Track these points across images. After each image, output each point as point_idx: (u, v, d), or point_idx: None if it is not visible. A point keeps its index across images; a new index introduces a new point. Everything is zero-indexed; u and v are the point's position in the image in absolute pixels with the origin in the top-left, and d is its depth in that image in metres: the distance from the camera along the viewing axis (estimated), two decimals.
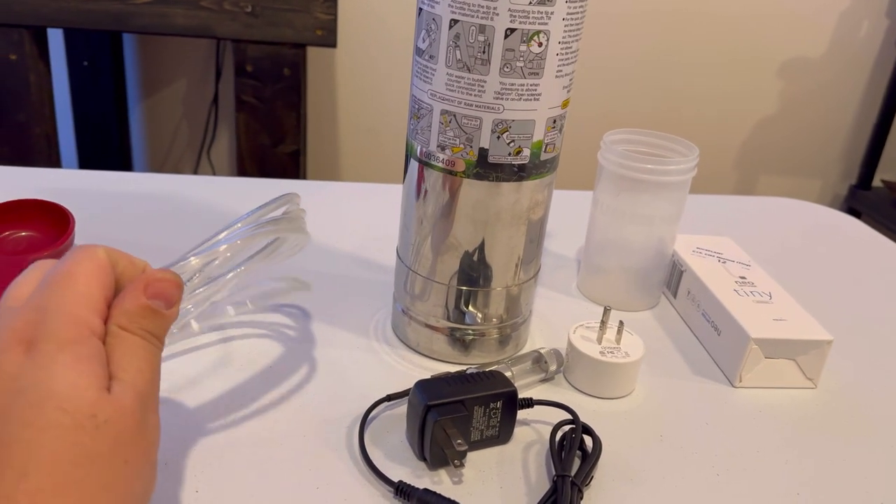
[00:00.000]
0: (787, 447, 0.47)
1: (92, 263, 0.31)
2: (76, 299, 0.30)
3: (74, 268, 0.31)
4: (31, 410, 0.27)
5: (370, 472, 0.41)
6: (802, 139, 2.01)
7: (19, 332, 0.29)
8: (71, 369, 0.28)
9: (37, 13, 1.25)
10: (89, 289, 0.31)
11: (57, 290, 0.30)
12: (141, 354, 0.31)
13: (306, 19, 1.29)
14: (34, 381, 0.27)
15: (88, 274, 0.31)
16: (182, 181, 0.76)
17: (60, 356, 0.28)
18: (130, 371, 0.30)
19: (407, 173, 0.49)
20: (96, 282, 0.31)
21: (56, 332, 0.29)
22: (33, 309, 0.30)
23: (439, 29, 0.43)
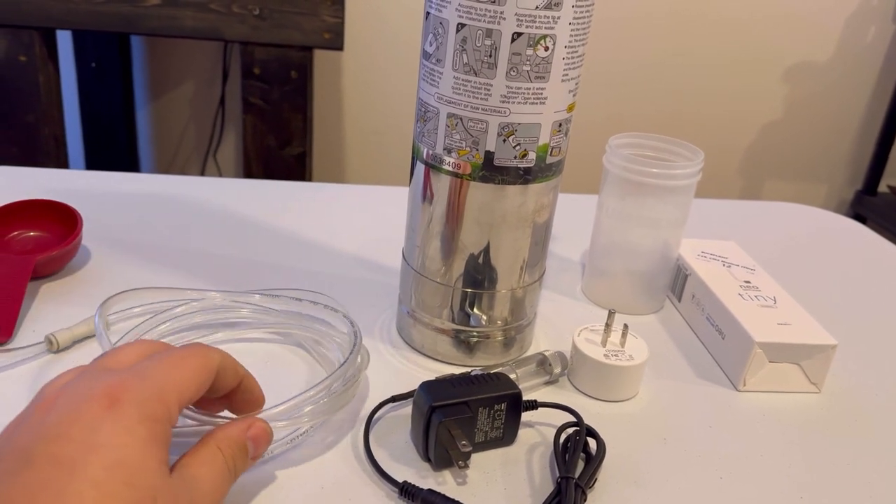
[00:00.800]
0: (791, 451, 0.47)
1: (202, 361, 0.34)
2: (173, 384, 0.32)
3: (187, 359, 0.33)
4: (101, 472, 0.27)
5: (375, 473, 0.41)
6: (808, 144, 2.00)
7: (108, 386, 0.30)
8: (145, 446, 0.29)
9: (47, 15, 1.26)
10: (189, 382, 0.33)
11: (162, 369, 0.32)
12: (218, 478, 0.33)
13: (314, 22, 1.29)
14: (111, 442, 0.28)
15: (195, 369, 0.33)
16: (189, 182, 0.77)
17: (139, 428, 0.29)
18: (202, 485, 0.32)
19: (413, 176, 0.49)
20: (198, 379, 0.33)
21: (143, 402, 0.30)
22: (134, 374, 0.31)
23: (446, 33, 0.43)
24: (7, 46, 1.28)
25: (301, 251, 0.65)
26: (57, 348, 0.48)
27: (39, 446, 0.28)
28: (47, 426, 0.28)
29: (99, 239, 0.63)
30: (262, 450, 0.36)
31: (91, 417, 0.28)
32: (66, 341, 0.48)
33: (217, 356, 0.35)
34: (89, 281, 0.57)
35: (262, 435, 0.36)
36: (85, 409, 0.29)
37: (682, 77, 1.87)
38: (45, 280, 0.57)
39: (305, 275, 0.61)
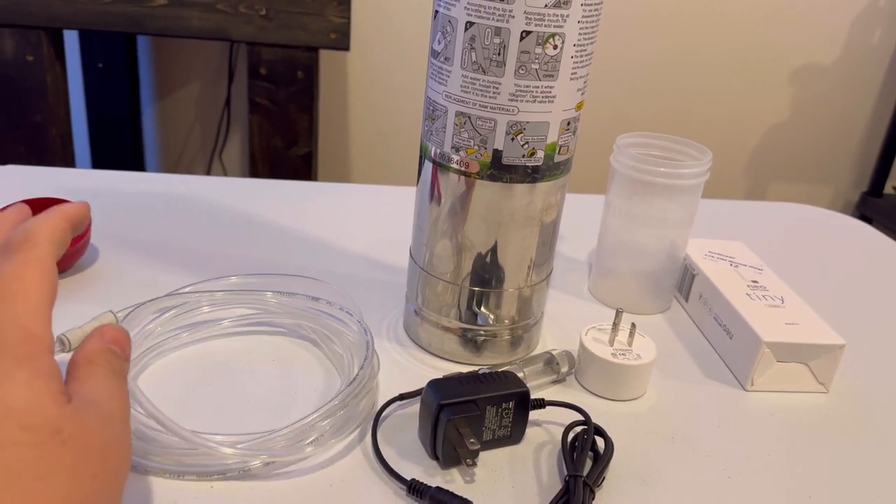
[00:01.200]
0: (799, 451, 0.47)
1: (40, 267, 0.31)
2: (28, 312, 0.30)
3: (23, 272, 0.31)
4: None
5: (383, 471, 0.41)
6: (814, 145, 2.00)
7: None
8: (30, 386, 0.28)
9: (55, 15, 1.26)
10: (41, 298, 0.30)
11: (9, 301, 0.30)
12: (111, 384, 0.31)
13: (320, 23, 1.29)
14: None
15: (39, 280, 0.31)
16: (196, 182, 0.77)
17: (18, 373, 0.28)
18: (99, 394, 0.30)
19: (421, 174, 0.49)
20: (47, 289, 0.31)
21: (11, 348, 0.28)
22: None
23: (455, 31, 0.43)
24: (15, 46, 1.28)
25: (308, 250, 0.66)
26: (69, 348, 0.48)
27: None
28: None
29: (107, 237, 0.63)
30: (128, 349, 0.35)
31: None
32: (77, 341, 0.48)
33: (46, 251, 0.32)
34: (98, 279, 0.57)
35: (119, 336, 0.34)
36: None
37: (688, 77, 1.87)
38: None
39: (313, 273, 0.61)
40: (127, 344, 0.35)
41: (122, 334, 0.34)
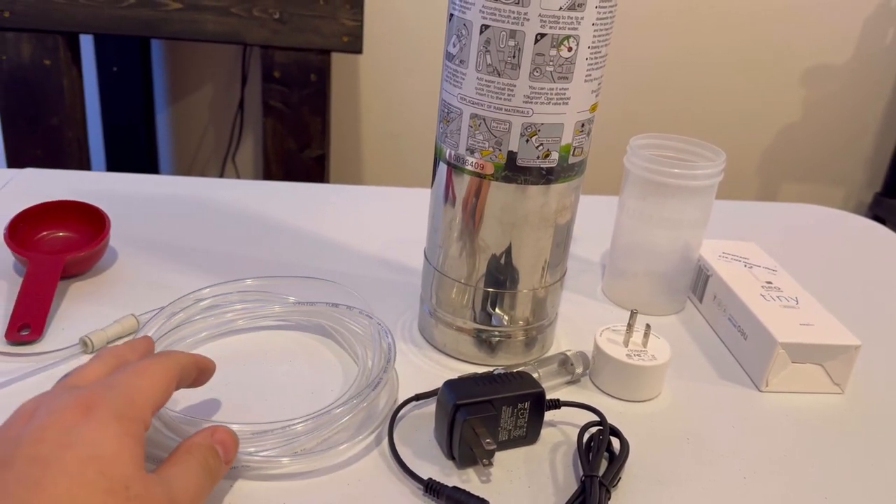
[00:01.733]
0: (814, 451, 0.47)
1: (165, 368, 0.36)
2: (142, 390, 0.34)
3: (150, 367, 0.35)
4: (75, 464, 0.29)
5: (400, 470, 0.41)
6: (826, 146, 1.99)
7: (82, 398, 0.32)
8: (119, 440, 0.30)
9: (73, 20, 1.27)
10: (155, 388, 0.35)
11: (129, 377, 0.34)
12: (192, 476, 0.34)
13: (333, 26, 1.30)
14: (84, 439, 0.30)
15: (159, 376, 0.35)
16: (212, 184, 0.78)
17: (113, 425, 0.31)
18: (177, 483, 0.33)
19: (435, 176, 0.50)
20: (163, 384, 0.35)
21: (115, 404, 0.32)
22: (103, 385, 0.33)
23: (470, 34, 0.43)
24: (32, 51, 1.30)
25: (323, 252, 0.66)
26: (92, 349, 0.48)
27: (17, 451, 0.29)
28: (25, 434, 0.30)
29: (124, 239, 0.64)
30: (232, 453, 0.38)
31: (66, 422, 0.30)
32: (100, 342, 0.49)
33: (174, 359, 0.37)
34: (117, 280, 0.58)
35: (227, 439, 0.38)
36: (59, 417, 0.31)
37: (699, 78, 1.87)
38: (74, 279, 0.58)
39: (328, 274, 0.61)
40: (233, 448, 0.38)
41: (230, 438, 0.38)
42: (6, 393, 0.45)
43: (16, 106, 1.34)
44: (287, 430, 0.41)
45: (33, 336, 0.49)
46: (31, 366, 0.47)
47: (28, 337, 0.49)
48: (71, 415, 0.31)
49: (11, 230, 0.57)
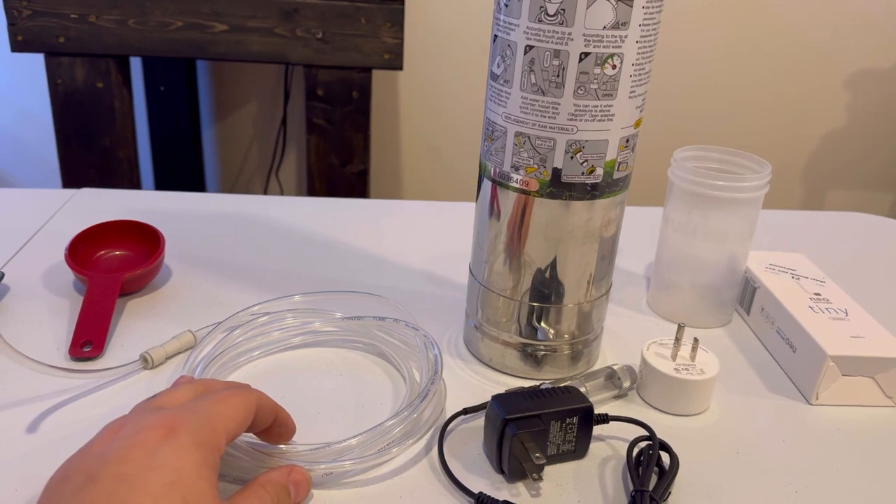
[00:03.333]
0: (867, 466, 0.46)
1: (244, 399, 0.37)
2: (220, 417, 0.35)
3: (231, 397, 0.37)
4: (159, 488, 0.30)
5: (451, 484, 0.42)
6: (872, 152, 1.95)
7: (165, 420, 0.33)
8: (198, 468, 0.32)
9: (124, 43, 1.32)
10: (233, 416, 0.36)
11: (210, 405, 0.36)
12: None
13: (374, 44, 1.32)
14: (168, 464, 0.31)
15: (238, 405, 0.37)
16: (259, 201, 0.79)
17: (194, 453, 0.32)
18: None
19: (480, 192, 0.51)
20: (241, 414, 0.37)
21: (197, 430, 0.33)
22: (187, 409, 0.35)
23: (514, 55, 0.44)
24: (85, 74, 1.34)
25: (369, 266, 0.67)
26: (152, 365, 0.50)
27: (104, 468, 0.31)
28: (111, 452, 0.31)
29: (177, 257, 0.66)
30: (302, 495, 0.39)
31: (150, 444, 0.32)
32: (159, 358, 0.51)
33: (256, 395, 0.39)
34: (172, 297, 0.60)
35: (301, 480, 0.39)
36: (144, 436, 0.32)
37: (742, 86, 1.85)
38: (131, 297, 0.60)
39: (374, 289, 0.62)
40: (304, 491, 0.39)
41: (304, 478, 0.39)
42: (73, 408, 0.47)
43: (70, 127, 1.39)
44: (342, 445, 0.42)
45: (95, 352, 0.51)
46: (95, 381, 0.49)
47: (90, 353, 0.51)
48: (155, 436, 0.32)
49: (72, 250, 0.60)
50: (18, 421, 0.46)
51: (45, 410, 0.46)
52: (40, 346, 0.52)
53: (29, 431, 0.45)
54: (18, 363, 0.46)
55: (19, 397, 0.48)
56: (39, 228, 0.70)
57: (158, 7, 1.29)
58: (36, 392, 0.48)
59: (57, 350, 0.52)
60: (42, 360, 0.49)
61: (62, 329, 0.55)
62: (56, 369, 0.47)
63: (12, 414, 0.46)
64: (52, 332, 0.54)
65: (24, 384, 0.49)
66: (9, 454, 0.43)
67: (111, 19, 1.30)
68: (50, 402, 0.47)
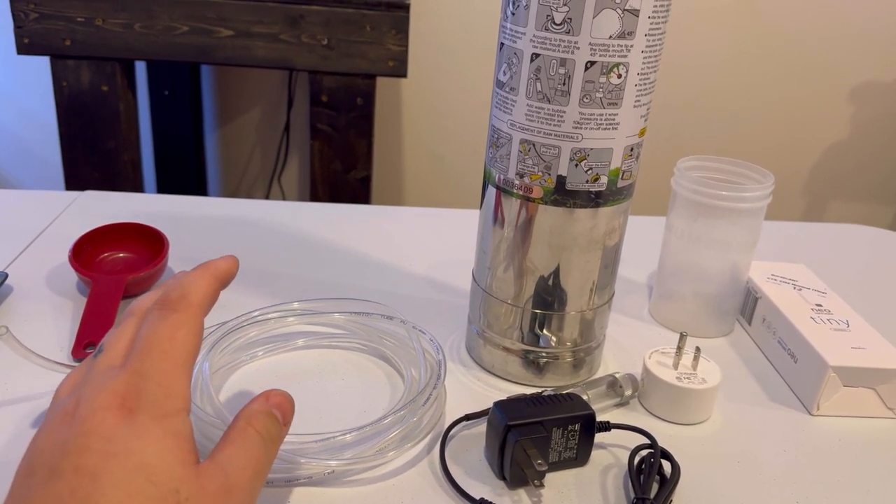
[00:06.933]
0: (869, 477, 0.46)
1: (191, 329, 0.34)
2: (174, 371, 0.32)
3: (176, 333, 0.33)
4: (122, 475, 0.29)
5: (452, 489, 0.42)
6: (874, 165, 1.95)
7: (119, 395, 0.31)
8: (163, 444, 0.30)
9: (129, 47, 1.32)
10: (186, 359, 0.33)
11: (157, 359, 0.32)
12: (252, 452, 0.34)
13: (379, 51, 1.33)
14: (129, 449, 0.30)
15: (187, 342, 0.33)
16: (262, 206, 0.80)
17: (155, 429, 0.31)
18: (235, 464, 0.33)
19: (485, 199, 0.51)
20: (192, 350, 0.33)
21: (153, 405, 0.31)
22: (133, 373, 0.32)
23: (520, 63, 0.44)
24: (91, 77, 1.35)
25: (372, 272, 0.67)
26: None
27: (65, 460, 0.30)
28: (70, 440, 0.30)
29: (180, 259, 0.66)
30: (289, 415, 0.37)
31: (107, 428, 0.30)
32: None
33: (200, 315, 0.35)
34: None
35: (283, 402, 0.37)
36: (101, 421, 0.30)
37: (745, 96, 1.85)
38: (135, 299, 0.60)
39: (377, 295, 0.63)
40: (290, 410, 0.37)
41: (286, 400, 0.37)
42: None
43: (75, 130, 1.39)
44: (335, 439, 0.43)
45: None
46: None
47: None
48: (112, 419, 0.30)
49: (76, 252, 0.60)
50: (25, 416, 0.46)
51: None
52: (44, 347, 0.53)
53: (35, 426, 0.45)
54: (25, 359, 0.46)
55: (26, 394, 0.48)
56: (43, 230, 0.70)
57: (165, 11, 1.30)
58: (42, 389, 0.48)
59: (60, 351, 0.53)
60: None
61: (65, 330, 0.55)
62: (63, 366, 0.47)
63: (19, 409, 0.46)
64: (55, 333, 0.55)
65: (31, 381, 0.49)
66: (17, 448, 0.43)
67: (117, 23, 1.30)
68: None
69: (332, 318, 0.56)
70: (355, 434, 0.43)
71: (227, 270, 0.38)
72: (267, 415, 0.35)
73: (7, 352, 0.46)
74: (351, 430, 0.43)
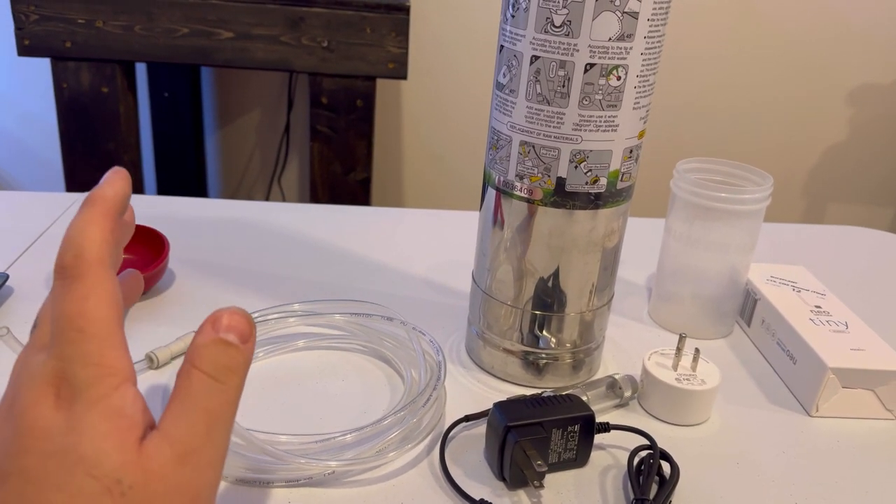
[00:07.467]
0: (867, 478, 0.46)
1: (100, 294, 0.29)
2: (100, 346, 0.28)
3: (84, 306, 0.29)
4: (62, 474, 0.27)
5: (452, 490, 0.42)
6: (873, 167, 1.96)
7: (51, 385, 0.28)
8: (98, 431, 0.28)
9: (130, 49, 1.33)
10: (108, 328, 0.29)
11: (76, 340, 0.28)
12: (200, 402, 0.29)
13: (379, 53, 1.33)
14: (65, 444, 0.27)
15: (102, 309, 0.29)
16: (263, 207, 0.80)
17: (88, 416, 0.28)
18: (179, 426, 0.29)
19: (484, 201, 0.51)
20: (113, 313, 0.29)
21: (84, 389, 0.28)
22: (57, 358, 0.28)
23: (520, 65, 0.45)
24: (91, 79, 1.35)
25: (372, 274, 0.67)
26: (157, 364, 0.50)
27: (9, 463, 0.28)
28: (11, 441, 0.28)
29: (181, 261, 0.66)
30: (247, 331, 0.30)
31: (42, 426, 0.28)
32: (164, 358, 0.51)
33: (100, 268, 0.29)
34: (176, 301, 0.60)
35: (235, 319, 0.30)
36: (35, 416, 0.28)
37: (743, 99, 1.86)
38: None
39: (376, 297, 0.63)
40: (246, 325, 0.30)
41: (238, 316, 0.30)
42: None
43: (75, 132, 1.39)
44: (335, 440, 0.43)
45: None
46: None
47: None
48: (47, 413, 0.28)
49: None
50: None
51: None
52: None
53: None
54: None
55: None
56: (44, 231, 0.70)
57: (165, 14, 1.30)
58: None
59: None
60: None
61: None
62: None
63: None
64: None
65: None
66: None
67: (118, 25, 1.31)
68: None
69: (332, 320, 0.56)
70: (355, 435, 0.43)
71: (115, 198, 0.31)
72: (214, 345, 0.29)
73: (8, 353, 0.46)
74: (351, 430, 0.44)
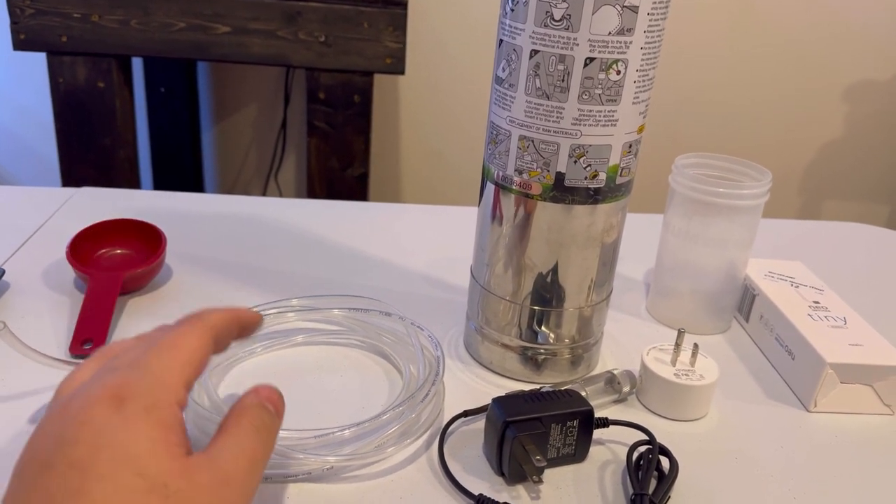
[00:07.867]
0: (865, 473, 0.46)
1: (198, 340, 0.34)
2: (173, 369, 0.32)
3: (182, 337, 0.34)
4: (110, 467, 0.29)
5: (450, 485, 0.42)
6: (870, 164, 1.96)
7: (113, 387, 0.31)
8: (151, 436, 0.30)
9: (126, 43, 1.32)
10: (188, 362, 0.33)
11: (158, 355, 0.33)
12: (245, 443, 0.33)
13: (376, 48, 1.33)
14: (117, 440, 0.29)
15: (191, 349, 0.34)
16: (260, 203, 0.80)
17: (143, 419, 0.30)
18: (225, 454, 0.32)
19: (483, 195, 0.51)
20: (197, 356, 0.34)
21: (148, 393, 0.31)
22: (130, 365, 0.32)
23: (520, 59, 0.44)
24: (87, 73, 1.35)
25: (370, 269, 0.67)
26: None
27: (57, 453, 0.29)
28: (64, 432, 0.30)
29: (178, 256, 0.66)
30: (281, 407, 0.37)
31: (99, 420, 0.30)
32: None
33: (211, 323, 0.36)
34: (173, 296, 0.60)
35: (273, 395, 0.37)
36: (92, 413, 0.30)
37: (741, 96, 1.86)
38: (132, 295, 0.60)
39: (375, 292, 0.63)
40: (280, 403, 0.37)
41: (275, 394, 0.37)
42: None
43: (71, 127, 1.39)
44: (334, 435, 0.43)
45: (96, 349, 0.51)
46: None
47: (91, 350, 0.51)
48: (102, 410, 0.30)
49: (73, 248, 0.60)
50: (22, 412, 0.46)
51: (48, 402, 0.46)
52: (41, 343, 0.52)
53: (31, 422, 0.45)
54: (22, 355, 0.46)
55: (23, 390, 0.48)
56: (40, 226, 0.70)
57: (161, 8, 1.29)
58: (40, 385, 0.48)
59: (58, 347, 0.52)
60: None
61: (63, 327, 0.55)
62: (60, 362, 0.47)
63: (17, 405, 0.46)
64: (52, 329, 0.54)
65: (29, 377, 0.49)
66: (13, 444, 0.43)
67: (114, 19, 1.30)
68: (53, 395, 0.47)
69: (330, 315, 0.56)
70: (354, 430, 0.43)
71: (249, 318, 0.39)
72: (258, 406, 0.35)
73: (4, 348, 0.46)
74: (349, 426, 0.43)
